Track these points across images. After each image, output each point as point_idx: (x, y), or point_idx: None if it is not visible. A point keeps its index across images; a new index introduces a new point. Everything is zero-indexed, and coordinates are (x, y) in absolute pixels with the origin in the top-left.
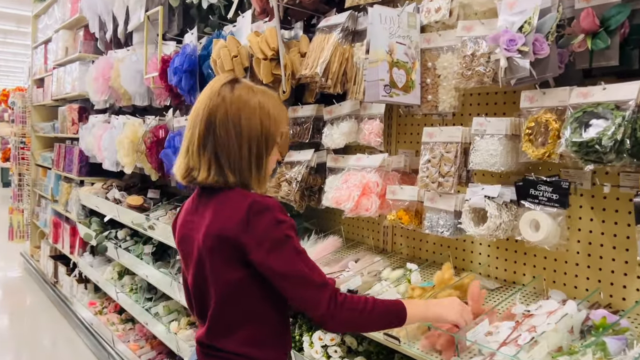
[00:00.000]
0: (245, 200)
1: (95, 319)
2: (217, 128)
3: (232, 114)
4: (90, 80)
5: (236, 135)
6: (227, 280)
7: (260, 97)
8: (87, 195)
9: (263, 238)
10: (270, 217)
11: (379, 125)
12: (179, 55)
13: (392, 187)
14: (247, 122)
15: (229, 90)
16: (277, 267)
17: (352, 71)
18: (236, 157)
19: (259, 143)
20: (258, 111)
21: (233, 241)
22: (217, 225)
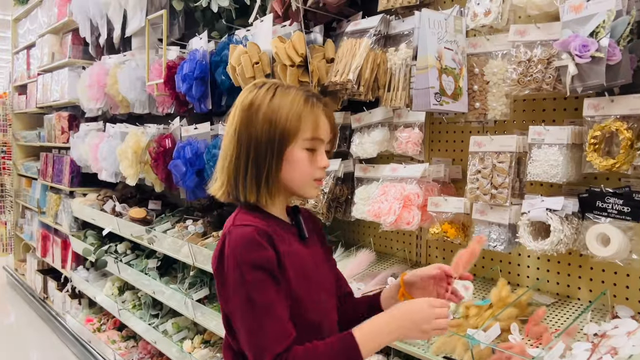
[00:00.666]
0: (227, 227)
1: (93, 337)
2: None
3: (237, 122)
4: (83, 87)
5: (235, 144)
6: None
7: (280, 98)
8: (80, 206)
9: (224, 277)
10: (231, 257)
11: (418, 133)
12: (188, 61)
13: (434, 198)
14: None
15: (244, 96)
16: (230, 316)
17: (385, 77)
18: (235, 168)
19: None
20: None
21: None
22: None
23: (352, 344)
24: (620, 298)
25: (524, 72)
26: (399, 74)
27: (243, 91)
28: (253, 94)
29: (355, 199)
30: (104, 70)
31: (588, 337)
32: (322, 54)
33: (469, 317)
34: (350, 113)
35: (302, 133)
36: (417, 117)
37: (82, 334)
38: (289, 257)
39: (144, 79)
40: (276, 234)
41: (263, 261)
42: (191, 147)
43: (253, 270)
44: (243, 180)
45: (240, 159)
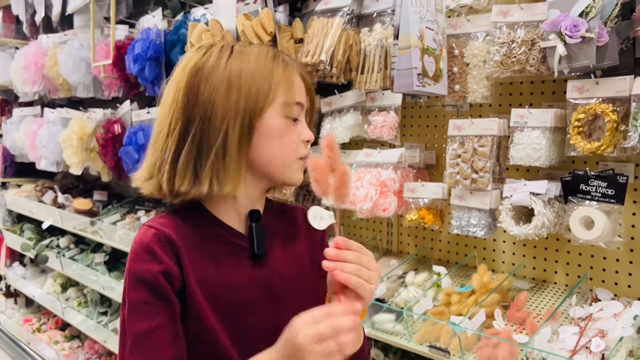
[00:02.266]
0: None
1: (33, 338)
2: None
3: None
4: (17, 69)
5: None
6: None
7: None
8: (16, 198)
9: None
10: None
11: (394, 117)
12: (140, 40)
13: (410, 184)
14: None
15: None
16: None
17: (358, 59)
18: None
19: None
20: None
21: None
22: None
23: None
24: (596, 281)
25: (507, 53)
26: (373, 56)
27: (185, 55)
28: (200, 55)
29: None
30: (41, 50)
31: (575, 321)
32: (289, 34)
33: (450, 305)
34: (320, 97)
35: (277, 96)
36: (393, 100)
37: (20, 336)
38: (203, 276)
39: (88, 60)
40: (194, 244)
41: (146, 275)
42: (144, 132)
43: (135, 284)
44: (185, 166)
45: (183, 138)
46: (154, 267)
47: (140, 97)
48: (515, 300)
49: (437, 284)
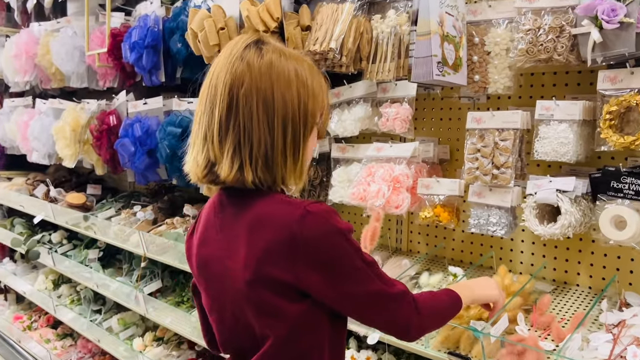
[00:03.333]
0: (292, 213)
1: (24, 336)
2: (241, 104)
3: (261, 86)
4: (8, 58)
5: (267, 114)
6: (280, 317)
7: (295, 63)
8: (6, 192)
9: (326, 265)
10: (331, 234)
11: (407, 109)
12: (138, 27)
13: (425, 180)
14: (281, 97)
15: (256, 55)
16: (353, 296)
17: (368, 48)
18: (267, 144)
19: (296, 125)
20: (295, 82)
21: (282, 278)
22: (256, 256)
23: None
24: (623, 284)
25: (532, 41)
26: (386, 44)
27: (236, 51)
28: (261, 54)
29: (332, 181)
30: (33, 38)
31: (606, 327)
32: (296, 21)
33: (469, 308)
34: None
35: (323, 108)
36: (407, 91)
37: (10, 333)
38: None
39: (82, 49)
40: None
41: (352, 228)
42: (141, 124)
43: (352, 235)
44: (280, 157)
45: (274, 131)
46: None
47: (137, 87)
48: (538, 303)
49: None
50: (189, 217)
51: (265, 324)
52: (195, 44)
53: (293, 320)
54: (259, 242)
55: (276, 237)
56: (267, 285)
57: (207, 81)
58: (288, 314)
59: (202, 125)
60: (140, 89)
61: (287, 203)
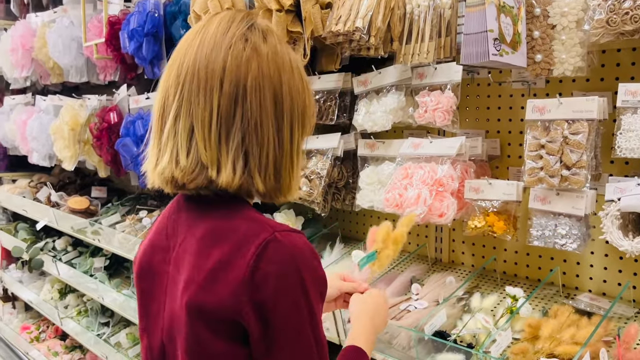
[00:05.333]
0: (256, 234)
1: (31, 348)
2: (249, 97)
3: (269, 76)
4: (5, 52)
5: (275, 111)
6: (212, 356)
7: (288, 48)
8: (9, 195)
9: (271, 314)
10: (291, 279)
11: (451, 98)
12: (136, 13)
13: (473, 182)
14: (289, 90)
15: (260, 37)
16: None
17: (401, 26)
18: (275, 146)
19: (299, 123)
20: (296, 71)
21: (222, 308)
22: (200, 277)
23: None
24: None
25: (614, 9)
26: (423, 21)
27: (229, 28)
28: (264, 36)
29: (360, 183)
30: (29, 30)
31: None
32: None
33: (537, 340)
34: (352, 75)
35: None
36: (450, 76)
37: (18, 345)
38: None
39: (80, 40)
40: None
41: (324, 285)
42: (143, 121)
43: (319, 298)
44: (288, 162)
45: (283, 132)
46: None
47: (139, 80)
48: (622, 335)
49: (510, 308)
50: None
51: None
52: None
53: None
54: (208, 260)
55: (229, 257)
56: (205, 315)
57: (188, 61)
58: (217, 354)
59: (186, 121)
60: (142, 82)
61: (254, 220)
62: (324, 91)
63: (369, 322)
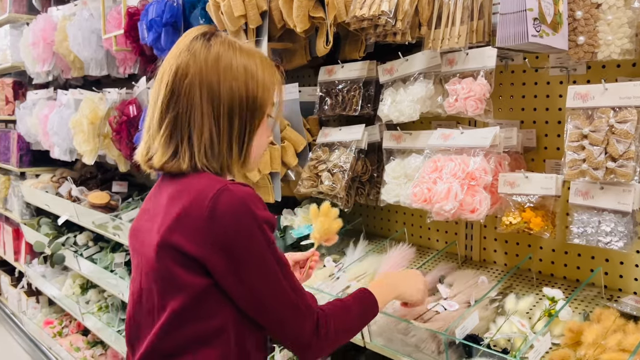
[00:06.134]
0: (211, 187)
1: (54, 343)
2: (183, 93)
3: (206, 75)
4: (26, 47)
5: (212, 103)
6: (180, 289)
7: (245, 57)
8: (32, 190)
9: (232, 248)
10: (244, 217)
11: (484, 85)
12: (155, 3)
13: (508, 175)
14: (228, 86)
15: (203, 46)
16: (253, 290)
17: (429, 10)
18: (211, 132)
19: (242, 114)
20: (243, 74)
21: (187, 249)
22: (168, 222)
23: (372, 300)
24: None
25: None
26: (454, 3)
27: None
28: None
29: (385, 177)
30: (50, 24)
31: None
32: None
33: (580, 345)
34: (377, 63)
35: (273, 96)
36: (483, 62)
37: (42, 339)
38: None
39: (99, 33)
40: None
41: (274, 223)
42: None
43: (271, 230)
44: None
45: (220, 121)
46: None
47: None
48: None
49: (548, 311)
50: None
51: (164, 294)
52: (218, 16)
53: (192, 294)
54: (174, 210)
55: (190, 207)
56: (172, 253)
57: (157, 75)
58: (188, 287)
59: (148, 113)
60: None
61: (212, 179)
62: (347, 80)
63: (392, 281)
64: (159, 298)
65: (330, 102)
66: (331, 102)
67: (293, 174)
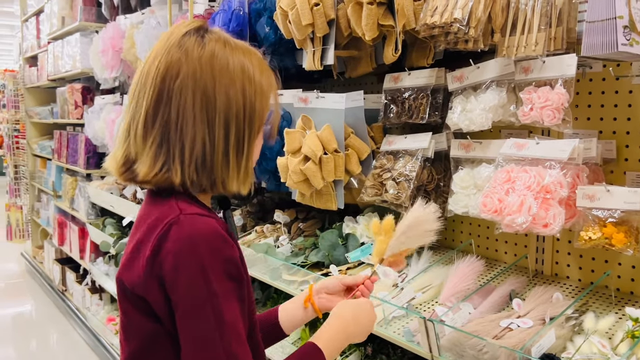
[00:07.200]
0: (165, 217)
1: (116, 340)
2: (174, 97)
3: (200, 77)
4: (96, 54)
5: (207, 110)
6: (133, 330)
7: (242, 55)
8: (98, 191)
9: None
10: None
11: (562, 95)
12: (221, 12)
13: (587, 188)
14: (224, 91)
15: (196, 42)
16: (184, 340)
17: (502, 17)
18: (204, 143)
19: (240, 124)
20: (240, 77)
21: (135, 288)
22: (125, 256)
23: (320, 357)
24: None
25: None
26: (531, 9)
27: (174, 38)
28: (203, 42)
29: (453, 187)
30: (119, 32)
31: None
32: None
33: None
34: (446, 70)
35: (269, 104)
36: (562, 70)
37: (104, 335)
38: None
39: None
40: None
41: (232, 265)
42: None
43: (223, 278)
44: (221, 158)
45: (215, 130)
46: (235, 253)
47: None
48: None
49: (631, 332)
50: (280, 224)
51: (125, 333)
52: (286, 25)
53: (144, 338)
54: (131, 243)
55: (143, 239)
56: (125, 291)
57: (140, 69)
58: (140, 330)
59: (127, 116)
60: None
61: (170, 206)
62: (414, 88)
63: (342, 325)
64: (122, 336)
65: (396, 110)
66: (397, 110)
67: (356, 181)
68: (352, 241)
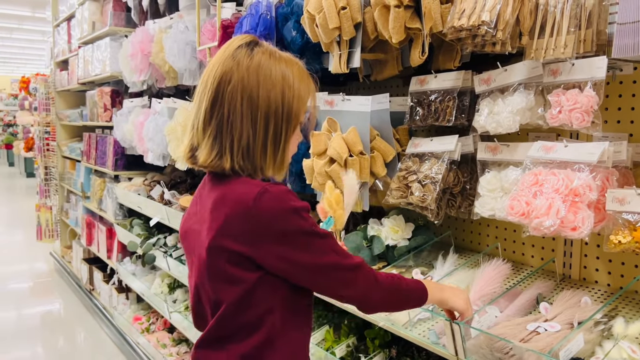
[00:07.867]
0: (251, 191)
1: (142, 339)
2: (226, 99)
3: (247, 83)
4: (125, 58)
5: (251, 109)
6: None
7: (284, 65)
8: (125, 192)
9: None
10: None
11: (592, 97)
12: (249, 15)
13: (617, 191)
14: (266, 94)
15: (246, 54)
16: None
17: (531, 20)
18: (249, 136)
19: (278, 121)
20: (280, 82)
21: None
22: (215, 227)
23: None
24: None
25: None
26: (560, 12)
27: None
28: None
29: (480, 189)
30: (148, 36)
31: None
32: None
33: None
34: (473, 72)
35: (305, 106)
36: (591, 73)
37: (130, 334)
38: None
39: (194, 44)
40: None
41: (308, 207)
42: None
43: (309, 215)
44: (260, 149)
45: (257, 126)
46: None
47: None
48: None
49: None
50: None
51: (218, 289)
52: (313, 29)
53: (245, 287)
54: (219, 216)
55: (233, 211)
56: (223, 253)
57: (202, 77)
58: (241, 281)
59: (192, 113)
60: None
61: (251, 183)
62: (441, 90)
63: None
64: (213, 292)
65: (422, 113)
66: (423, 113)
67: (381, 183)
68: (377, 243)
